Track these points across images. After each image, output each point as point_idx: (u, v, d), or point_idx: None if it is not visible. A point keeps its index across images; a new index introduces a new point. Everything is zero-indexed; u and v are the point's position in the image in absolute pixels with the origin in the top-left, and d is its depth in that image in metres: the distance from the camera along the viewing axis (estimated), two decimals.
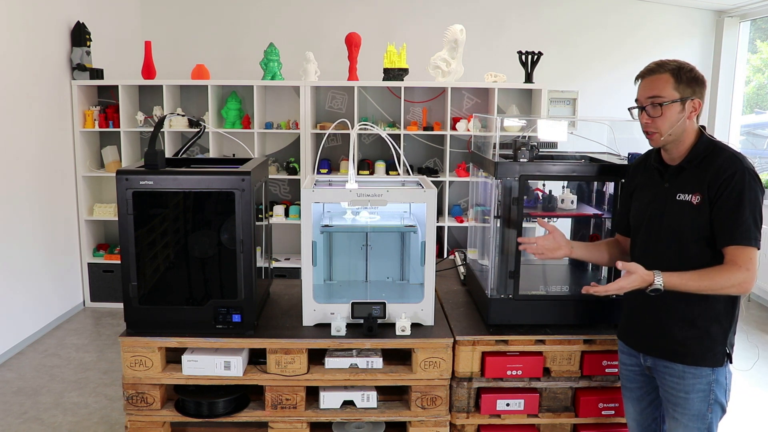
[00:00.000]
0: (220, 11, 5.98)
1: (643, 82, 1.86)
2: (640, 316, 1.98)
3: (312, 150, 5.15)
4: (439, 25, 5.34)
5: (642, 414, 2.08)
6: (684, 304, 1.85)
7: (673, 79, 1.80)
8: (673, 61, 1.83)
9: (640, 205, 1.98)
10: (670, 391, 1.91)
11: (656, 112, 1.82)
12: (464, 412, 2.31)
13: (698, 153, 1.83)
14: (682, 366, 1.87)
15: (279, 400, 2.26)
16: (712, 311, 1.84)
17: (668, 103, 1.80)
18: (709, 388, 1.86)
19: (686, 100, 1.81)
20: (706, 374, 1.86)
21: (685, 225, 1.82)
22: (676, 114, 1.81)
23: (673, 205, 1.85)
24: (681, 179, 1.86)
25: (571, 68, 6.02)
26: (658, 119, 1.82)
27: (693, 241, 1.81)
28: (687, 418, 1.88)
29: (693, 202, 1.80)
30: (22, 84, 4.24)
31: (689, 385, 1.87)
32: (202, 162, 3.10)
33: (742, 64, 6.10)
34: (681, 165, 1.86)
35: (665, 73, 1.81)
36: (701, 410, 1.86)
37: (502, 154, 2.38)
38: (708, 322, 1.84)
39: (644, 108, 1.84)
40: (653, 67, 1.85)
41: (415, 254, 2.49)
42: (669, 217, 1.86)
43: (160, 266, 2.27)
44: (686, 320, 1.86)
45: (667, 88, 1.80)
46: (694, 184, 1.81)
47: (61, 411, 3.37)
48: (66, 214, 4.90)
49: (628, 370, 2.08)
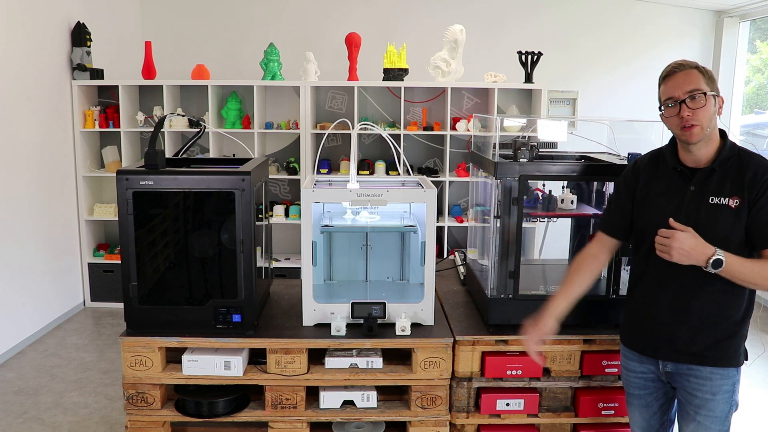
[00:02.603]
0: (220, 11, 5.98)
1: (674, 78, 1.80)
2: (659, 322, 1.91)
3: (312, 150, 5.15)
4: (439, 25, 5.34)
5: (650, 420, 2.04)
6: (713, 307, 1.83)
7: (702, 75, 1.79)
8: (692, 61, 1.83)
9: (656, 207, 1.90)
10: (694, 393, 1.87)
11: (698, 103, 1.77)
12: (464, 412, 2.31)
13: (727, 155, 1.82)
14: (711, 368, 1.85)
15: (279, 400, 2.26)
16: (739, 312, 1.84)
17: (709, 93, 1.77)
18: (733, 389, 1.86)
19: (715, 96, 1.80)
20: (732, 374, 1.85)
21: (724, 229, 1.78)
22: (712, 108, 1.79)
23: (707, 209, 1.80)
24: (712, 182, 1.81)
25: (571, 68, 6.02)
26: (700, 111, 1.77)
27: (734, 244, 1.78)
28: (710, 420, 1.85)
29: (731, 206, 1.77)
30: (22, 84, 4.24)
31: (716, 386, 1.84)
32: (202, 162, 3.10)
33: (741, 64, 6.10)
34: (712, 167, 1.82)
35: (693, 69, 1.80)
36: (724, 411, 1.86)
37: (502, 154, 2.38)
38: (734, 323, 1.84)
39: (682, 102, 1.78)
40: (680, 63, 1.82)
41: (415, 254, 2.49)
42: (706, 221, 1.80)
43: (161, 266, 2.27)
44: (714, 323, 1.83)
45: (701, 81, 1.78)
46: (731, 188, 1.78)
47: (61, 411, 3.37)
48: (66, 214, 4.90)
49: (637, 377, 2.02)
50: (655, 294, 1.92)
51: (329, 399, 2.28)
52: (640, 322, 1.98)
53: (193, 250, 2.24)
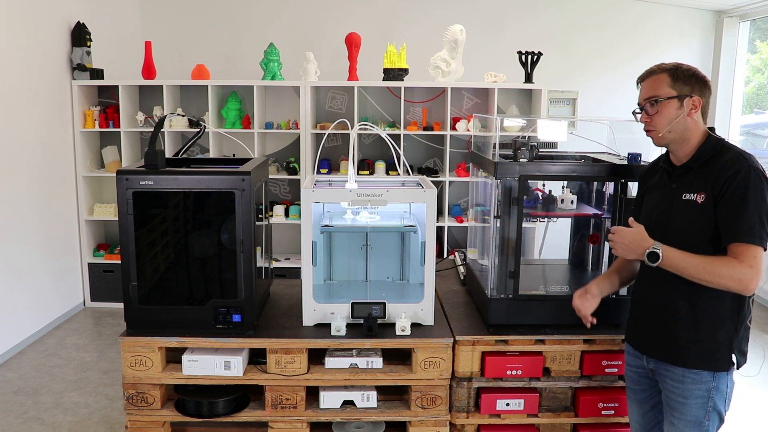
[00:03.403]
0: (220, 11, 5.99)
1: (643, 84, 1.90)
2: (645, 318, 1.97)
3: (312, 150, 5.15)
4: (439, 25, 5.34)
5: (645, 417, 2.07)
6: (689, 305, 1.83)
7: (670, 78, 1.83)
8: (672, 63, 1.87)
9: (648, 206, 1.98)
10: (669, 395, 1.90)
11: (653, 110, 1.85)
12: (464, 411, 2.31)
13: (705, 152, 1.83)
14: (683, 369, 1.86)
15: (279, 399, 2.26)
16: (717, 313, 1.82)
17: (663, 100, 1.82)
18: (708, 395, 1.84)
19: (684, 97, 1.82)
20: (706, 380, 1.83)
21: (691, 225, 1.81)
22: (674, 111, 1.82)
23: (679, 206, 1.84)
24: (687, 179, 1.85)
25: (571, 68, 6.02)
26: (655, 117, 1.85)
27: (700, 241, 1.79)
28: (683, 423, 1.86)
29: (698, 201, 1.79)
30: (23, 84, 4.24)
31: (688, 390, 1.85)
32: (202, 162, 3.10)
33: (741, 64, 6.10)
34: (687, 164, 1.86)
35: (662, 73, 1.85)
36: (698, 417, 1.85)
37: (502, 154, 2.38)
38: (713, 325, 1.82)
39: (643, 108, 1.88)
40: (653, 69, 1.89)
41: (415, 254, 2.49)
42: (675, 217, 1.85)
43: (161, 266, 2.27)
44: (690, 322, 1.84)
45: (663, 86, 1.83)
46: (699, 184, 1.81)
47: (61, 411, 3.37)
48: (66, 214, 4.90)
49: (633, 372, 2.07)
50: (645, 290, 1.98)
51: (329, 399, 2.28)
52: (635, 317, 2.05)
53: (193, 250, 2.24)
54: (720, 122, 6.18)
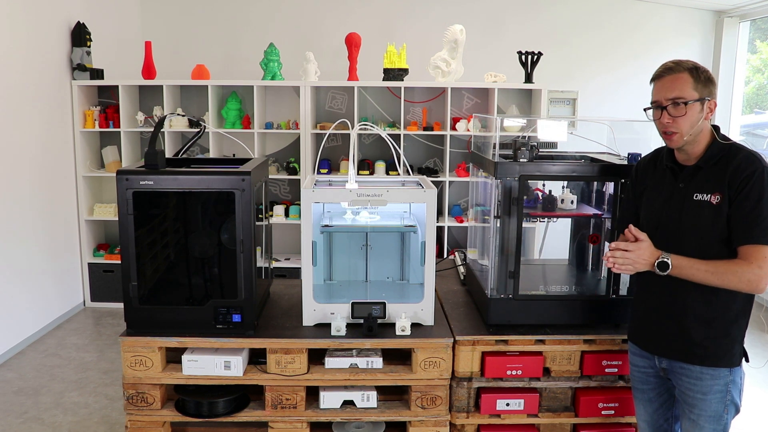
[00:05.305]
0: (220, 11, 5.98)
1: (662, 81, 1.83)
2: (654, 317, 1.96)
3: (312, 150, 5.15)
4: (439, 25, 5.34)
5: (654, 415, 2.07)
6: (702, 304, 1.84)
7: (692, 79, 1.78)
8: (688, 61, 1.81)
9: (652, 206, 1.95)
10: (687, 392, 1.90)
11: (679, 111, 1.79)
12: (464, 412, 2.31)
13: (715, 152, 1.82)
14: (700, 367, 1.86)
15: (279, 400, 2.26)
16: (730, 312, 1.83)
17: (692, 102, 1.78)
18: (726, 389, 1.85)
19: (704, 100, 1.79)
20: (724, 375, 1.85)
21: (705, 225, 1.80)
22: (697, 114, 1.79)
23: (691, 206, 1.83)
24: (698, 179, 1.84)
25: (571, 68, 6.02)
26: (681, 119, 1.79)
27: (715, 241, 1.79)
28: (703, 419, 1.87)
29: (713, 202, 1.79)
30: (23, 84, 4.24)
31: (707, 386, 1.86)
32: (202, 162, 3.10)
33: (741, 64, 6.09)
34: (698, 165, 1.84)
35: (684, 72, 1.79)
36: (718, 411, 1.86)
37: (502, 154, 2.38)
38: (726, 322, 1.84)
39: (664, 108, 1.81)
40: (671, 66, 1.82)
41: (415, 254, 2.49)
42: (688, 217, 1.83)
43: (161, 266, 2.27)
44: (704, 321, 1.84)
45: (687, 87, 1.78)
46: (713, 184, 1.80)
47: (61, 411, 3.37)
48: (66, 214, 4.90)
49: (640, 372, 2.06)
50: (651, 289, 1.96)
51: (329, 399, 2.28)
52: (639, 317, 2.03)
53: (193, 250, 2.24)
54: (720, 122, 6.11)
